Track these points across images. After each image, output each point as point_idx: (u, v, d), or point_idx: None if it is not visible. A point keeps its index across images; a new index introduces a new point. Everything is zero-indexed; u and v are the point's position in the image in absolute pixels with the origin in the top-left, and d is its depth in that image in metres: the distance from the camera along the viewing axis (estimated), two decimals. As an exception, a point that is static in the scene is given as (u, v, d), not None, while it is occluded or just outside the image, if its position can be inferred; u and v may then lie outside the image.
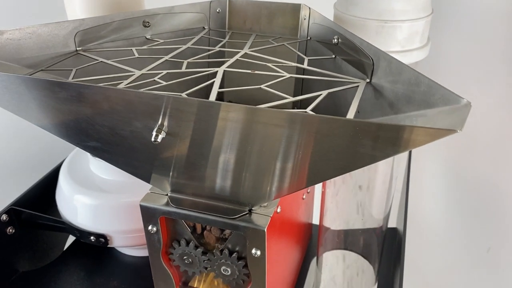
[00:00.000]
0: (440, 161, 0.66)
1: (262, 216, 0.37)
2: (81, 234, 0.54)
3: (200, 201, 0.38)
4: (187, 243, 0.40)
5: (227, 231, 0.39)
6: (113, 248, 0.63)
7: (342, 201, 0.53)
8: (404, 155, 0.65)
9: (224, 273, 0.40)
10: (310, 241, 0.65)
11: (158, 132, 0.28)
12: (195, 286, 0.44)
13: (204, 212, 0.37)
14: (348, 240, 0.59)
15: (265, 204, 0.38)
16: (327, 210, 0.57)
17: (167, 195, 0.39)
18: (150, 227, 0.40)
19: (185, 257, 0.41)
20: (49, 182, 0.61)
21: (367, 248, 0.58)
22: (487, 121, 0.60)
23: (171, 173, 0.34)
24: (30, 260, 0.60)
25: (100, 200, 0.53)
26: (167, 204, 0.38)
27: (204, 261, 0.40)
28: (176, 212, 0.38)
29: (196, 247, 0.40)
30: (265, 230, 0.36)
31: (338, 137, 0.23)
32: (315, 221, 0.66)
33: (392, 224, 0.65)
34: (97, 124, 0.30)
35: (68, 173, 0.57)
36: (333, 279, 0.57)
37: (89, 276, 0.58)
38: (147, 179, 0.37)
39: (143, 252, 0.61)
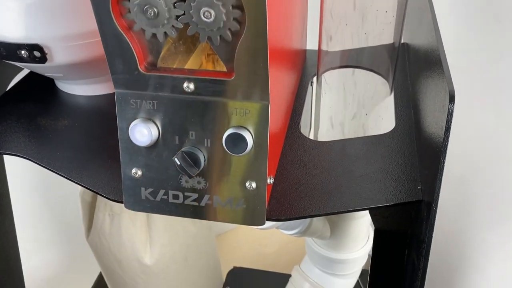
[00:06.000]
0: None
1: None
2: (8, 51, 0.40)
3: None
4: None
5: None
6: (60, 90, 0.50)
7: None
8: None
9: (205, 19, 0.28)
10: (305, 64, 0.53)
11: None
12: (168, 66, 0.32)
13: None
14: (354, 56, 0.48)
15: None
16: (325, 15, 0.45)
17: None
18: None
19: (146, 7, 0.29)
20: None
21: (378, 64, 0.48)
22: None
23: None
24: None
25: (28, -2, 0.39)
26: None
27: (174, 3, 0.28)
28: None
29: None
30: None
31: None
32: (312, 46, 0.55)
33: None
34: None
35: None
36: (337, 94, 0.47)
37: (33, 119, 0.46)
38: None
39: (95, 89, 0.48)
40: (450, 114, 0.28)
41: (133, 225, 0.61)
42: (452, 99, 0.28)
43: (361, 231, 0.60)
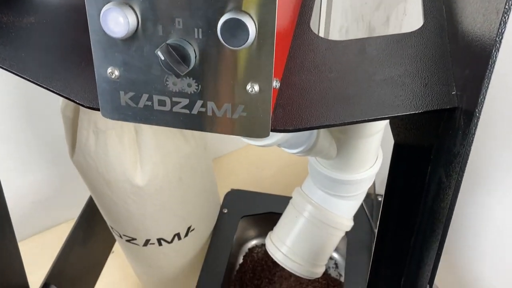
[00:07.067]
0: None
1: None
2: None
3: None
4: None
5: None
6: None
7: None
8: None
9: None
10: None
11: None
12: None
13: None
14: None
15: None
16: None
17: None
18: None
19: None
20: None
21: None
22: None
23: None
24: None
25: None
26: None
27: None
28: None
29: None
30: None
31: None
32: None
33: None
34: None
35: None
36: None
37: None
38: None
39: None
40: (513, -10, 0.22)
41: (120, 143, 0.56)
42: (517, -31, 0.22)
43: (370, 150, 0.55)
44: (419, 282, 0.34)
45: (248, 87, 0.27)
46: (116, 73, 0.28)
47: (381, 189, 0.94)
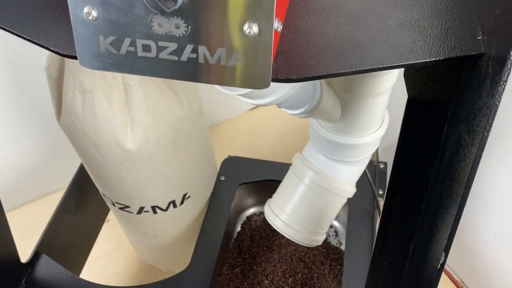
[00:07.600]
0: None
1: None
2: None
3: None
4: None
5: None
6: None
7: None
8: None
9: None
10: None
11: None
12: None
13: None
14: None
15: None
16: None
17: None
18: None
19: None
20: None
21: None
22: None
23: None
24: None
25: None
26: None
27: None
28: None
29: None
30: None
31: None
32: None
33: None
34: None
35: None
36: None
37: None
38: None
39: None
40: None
41: (109, 104, 0.52)
42: None
43: (376, 112, 0.51)
44: (432, 249, 0.31)
45: (246, 27, 0.23)
46: (94, 13, 0.25)
47: (384, 157, 0.91)
